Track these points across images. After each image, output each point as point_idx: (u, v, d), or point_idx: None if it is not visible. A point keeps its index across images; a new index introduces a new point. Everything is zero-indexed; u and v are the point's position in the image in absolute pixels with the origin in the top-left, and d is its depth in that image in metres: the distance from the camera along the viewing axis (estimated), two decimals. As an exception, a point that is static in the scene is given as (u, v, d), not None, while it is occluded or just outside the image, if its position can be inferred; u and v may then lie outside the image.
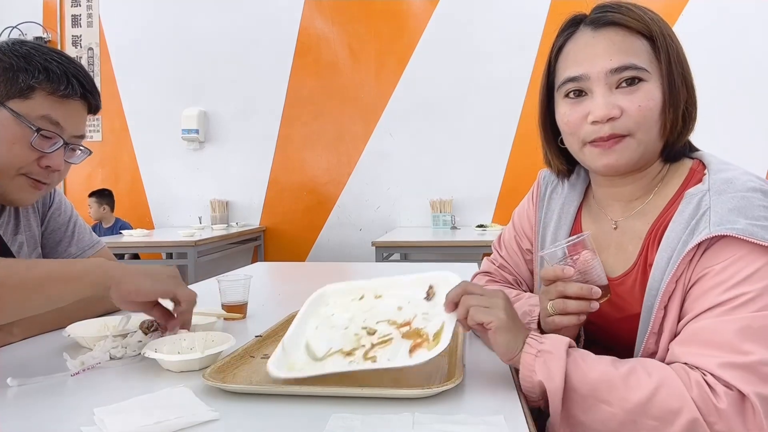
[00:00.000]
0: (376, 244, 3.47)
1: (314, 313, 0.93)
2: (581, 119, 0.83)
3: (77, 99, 1.08)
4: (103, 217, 4.48)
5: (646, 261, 0.84)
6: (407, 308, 0.88)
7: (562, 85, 0.86)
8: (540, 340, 0.73)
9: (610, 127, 0.81)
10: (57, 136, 1.05)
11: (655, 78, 0.81)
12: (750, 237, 0.70)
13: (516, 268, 1.11)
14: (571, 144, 0.89)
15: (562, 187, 1.03)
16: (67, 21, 5.02)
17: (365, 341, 0.84)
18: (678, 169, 0.88)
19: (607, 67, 0.81)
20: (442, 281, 0.89)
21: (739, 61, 4.11)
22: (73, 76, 1.06)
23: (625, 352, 0.85)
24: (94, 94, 1.12)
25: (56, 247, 1.29)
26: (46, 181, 1.08)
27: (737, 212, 0.73)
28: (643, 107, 0.80)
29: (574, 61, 0.85)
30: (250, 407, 0.72)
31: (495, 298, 0.76)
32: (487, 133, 4.42)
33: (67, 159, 1.10)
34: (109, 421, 0.66)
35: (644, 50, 0.82)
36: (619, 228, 0.91)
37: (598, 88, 0.81)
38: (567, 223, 0.98)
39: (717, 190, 0.77)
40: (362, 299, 0.94)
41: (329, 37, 4.69)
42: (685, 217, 0.78)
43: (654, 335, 0.78)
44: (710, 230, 0.72)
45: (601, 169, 0.85)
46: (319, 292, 0.97)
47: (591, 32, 0.84)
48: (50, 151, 1.04)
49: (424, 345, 0.78)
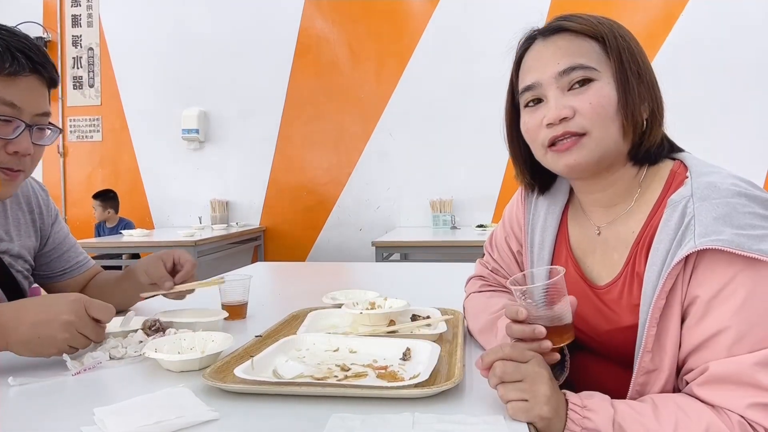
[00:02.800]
0: (376, 244, 3.47)
1: (284, 352, 0.90)
2: (538, 125, 0.85)
3: (28, 74, 0.99)
4: (107, 218, 4.48)
5: (633, 270, 0.83)
6: (382, 363, 0.86)
7: (521, 96, 0.89)
8: (582, 414, 0.70)
9: (564, 126, 0.82)
10: (16, 119, 0.98)
11: (606, 76, 0.82)
12: (737, 249, 0.68)
13: (509, 270, 1.09)
14: (536, 152, 0.90)
15: (547, 190, 1.02)
16: (67, 21, 5.02)
17: (338, 374, 0.81)
18: (657, 172, 0.86)
19: (555, 71, 0.83)
20: (420, 345, 0.89)
21: (739, 60, 4.10)
22: (18, 51, 0.97)
23: (621, 363, 0.85)
24: (46, 66, 1.02)
25: (50, 263, 1.29)
26: (18, 167, 1.02)
27: (722, 221, 0.71)
28: (594, 104, 0.80)
29: (527, 70, 0.88)
30: (250, 407, 0.72)
31: (537, 385, 0.69)
32: (487, 133, 4.40)
33: (36, 141, 1.03)
34: (109, 421, 0.66)
35: (593, 51, 0.83)
36: (603, 234, 0.90)
37: (551, 92, 0.83)
38: (552, 225, 0.97)
39: (700, 195, 0.75)
40: (336, 351, 0.92)
41: (329, 37, 4.69)
42: (671, 226, 0.76)
43: (648, 353, 0.76)
44: (695, 243, 0.71)
45: (564, 170, 0.86)
46: (290, 338, 0.94)
47: (542, 41, 0.87)
48: (13, 136, 0.98)
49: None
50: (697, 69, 4.10)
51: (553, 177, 0.99)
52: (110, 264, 4.00)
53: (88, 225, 4.68)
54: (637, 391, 0.77)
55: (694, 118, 3.95)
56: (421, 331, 1.01)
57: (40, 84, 1.02)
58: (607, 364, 0.89)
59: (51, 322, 0.86)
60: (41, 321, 0.86)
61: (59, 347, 0.87)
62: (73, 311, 0.87)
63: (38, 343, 0.86)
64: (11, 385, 0.81)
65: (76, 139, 5.05)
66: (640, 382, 0.77)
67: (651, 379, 0.77)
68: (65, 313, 0.87)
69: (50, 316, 0.86)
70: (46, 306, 0.88)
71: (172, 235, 4.02)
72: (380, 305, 1.11)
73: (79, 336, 0.88)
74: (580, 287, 0.90)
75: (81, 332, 0.88)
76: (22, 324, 0.86)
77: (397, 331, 1.01)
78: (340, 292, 1.35)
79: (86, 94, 5.04)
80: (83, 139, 5.05)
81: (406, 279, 1.90)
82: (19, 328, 0.86)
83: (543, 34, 0.87)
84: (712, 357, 0.71)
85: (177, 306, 1.22)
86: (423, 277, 1.91)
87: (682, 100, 3.34)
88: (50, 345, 0.86)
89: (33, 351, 0.87)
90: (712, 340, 0.71)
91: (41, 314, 0.87)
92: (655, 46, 4.10)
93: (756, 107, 4.11)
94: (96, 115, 5.04)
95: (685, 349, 0.74)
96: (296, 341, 0.94)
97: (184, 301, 1.24)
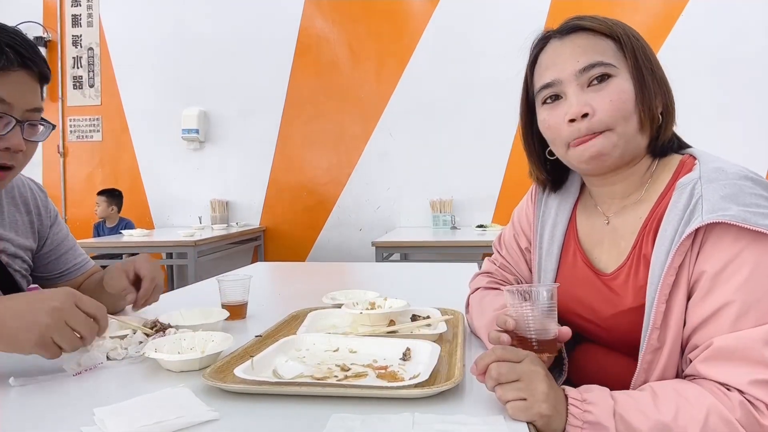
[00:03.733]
0: (376, 244, 3.47)
1: (284, 352, 0.90)
2: (560, 121, 0.87)
3: (17, 69, 0.96)
4: (109, 216, 4.48)
5: (640, 253, 0.84)
6: (382, 363, 0.86)
7: (539, 93, 0.91)
8: (583, 408, 0.70)
9: (587, 125, 0.84)
10: (6, 116, 0.96)
11: (623, 72, 0.85)
12: (743, 223, 0.70)
13: (516, 267, 1.11)
14: (557, 150, 0.92)
15: (559, 189, 1.04)
16: (67, 21, 5.02)
17: (338, 374, 0.81)
18: (667, 164, 0.89)
19: (575, 68, 0.85)
20: (420, 345, 0.89)
21: (739, 60, 4.10)
22: (6, 45, 0.95)
23: (624, 348, 0.86)
24: (36, 61, 0.99)
25: (48, 265, 1.29)
26: (10, 163, 1.01)
27: (729, 199, 0.73)
28: (614, 101, 0.83)
29: (545, 68, 0.90)
30: (250, 407, 0.72)
31: (534, 383, 0.69)
32: (487, 133, 4.42)
33: (28, 137, 1.02)
34: (109, 421, 0.66)
35: (610, 48, 0.86)
36: (611, 223, 0.92)
37: (571, 89, 0.86)
38: (563, 221, 1.00)
39: (708, 178, 0.78)
40: (336, 351, 0.92)
41: (329, 37, 4.69)
42: (680, 207, 0.78)
43: (657, 330, 0.77)
44: (703, 218, 0.73)
45: (589, 163, 0.87)
46: (290, 338, 0.94)
47: (558, 41, 0.90)
48: (4, 132, 0.96)
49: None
50: (697, 69, 4.10)
51: (565, 174, 1.02)
52: (111, 264, 3.99)
53: (88, 225, 4.68)
54: (644, 369, 0.78)
55: (693, 118, 3.95)
56: (421, 331, 1.01)
57: (30, 79, 1.00)
58: (611, 352, 0.90)
59: (37, 309, 0.80)
60: (26, 310, 0.80)
61: (41, 333, 0.79)
62: (60, 300, 0.82)
63: (18, 328, 0.78)
64: (12, 385, 0.81)
65: (76, 139, 5.05)
66: (648, 360, 0.78)
67: (656, 357, 0.77)
68: (53, 300, 0.82)
69: (36, 304, 0.81)
70: (33, 296, 0.84)
71: (172, 235, 4.02)
72: (380, 305, 1.11)
73: (65, 327, 0.81)
74: (587, 276, 0.92)
75: (69, 323, 0.81)
76: (1, 314, 0.80)
77: (397, 331, 1.01)
78: (340, 292, 1.35)
79: (86, 94, 5.04)
80: (83, 139, 5.05)
81: (406, 279, 1.90)
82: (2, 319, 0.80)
83: (559, 33, 0.90)
84: (717, 332, 0.72)
85: (177, 306, 1.21)
86: (423, 277, 1.91)
87: (681, 100, 3.34)
88: (30, 330, 0.78)
89: (10, 340, 0.79)
90: (717, 315, 0.72)
91: (28, 303, 0.82)
92: (655, 47, 4.09)
93: (756, 108, 4.11)
94: (96, 115, 5.04)
95: (690, 326, 0.75)
96: (296, 341, 0.94)
97: (183, 302, 1.24)
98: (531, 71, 0.94)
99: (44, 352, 0.81)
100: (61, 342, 0.81)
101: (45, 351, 0.81)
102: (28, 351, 0.81)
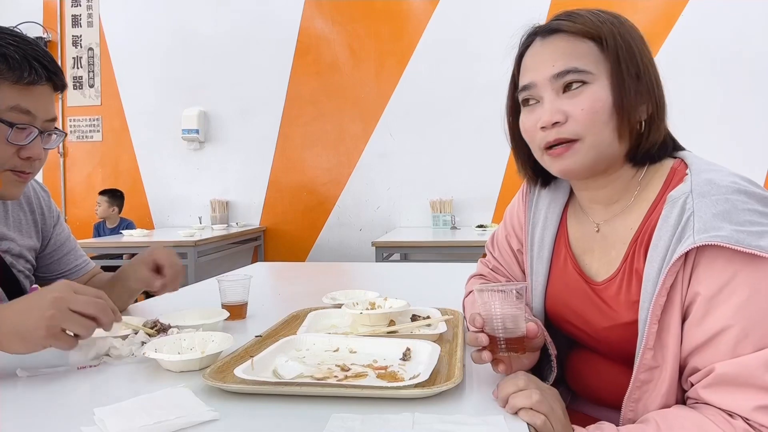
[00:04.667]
0: (376, 244, 3.47)
1: (284, 352, 0.90)
2: (534, 126, 0.85)
3: (44, 84, 1.02)
4: (110, 216, 4.48)
5: (632, 267, 0.82)
6: (382, 363, 0.86)
7: (520, 93, 0.89)
8: None
9: (557, 132, 0.82)
10: (30, 126, 1.02)
11: (602, 79, 0.81)
12: (737, 245, 0.68)
13: (509, 268, 1.09)
14: (534, 152, 0.90)
15: (548, 186, 1.02)
16: (67, 21, 5.02)
17: (338, 374, 0.81)
18: (658, 170, 0.86)
19: (550, 73, 0.82)
20: (420, 345, 0.89)
21: (739, 60, 4.10)
22: (34, 60, 1.00)
23: (619, 358, 0.85)
24: (59, 74, 1.05)
25: (49, 266, 1.30)
26: (29, 170, 1.06)
27: (721, 217, 0.71)
28: (586, 110, 0.80)
29: (525, 69, 0.88)
30: (250, 407, 0.72)
31: (551, 420, 0.70)
32: (487, 133, 4.41)
33: (45, 145, 1.07)
34: (109, 421, 0.66)
35: (590, 53, 0.82)
36: (601, 231, 0.90)
37: (546, 94, 0.83)
38: (553, 224, 0.98)
39: (699, 192, 0.75)
40: (336, 351, 0.92)
41: (329, 37, 4.69)
42: (671, 223, 0.76)
43: (650, 350, 0.75)
44: (695, 239, 0.71)
45: (558, 174, 0.86)
46: (290, 338, 0.95)
47: (540, 41, 0.87)
48: (27, 142, 1.02)
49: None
50: (697, 69, 4.10)
51: (540, 173, 0.99)
52: (111, 264, 4.00)
53: (88, 225, 4.68)
54: (638, 387, 0.77)
55: (693, 118, 3.95)
56: (421, 331, 1.01)
57: (51, 91, 1.05)
58: (606, 361, 0.89)
59: (38, 304, 0.81)
60: (29, 307, 0.82)
61: (47, 324, 0.80)
62: (58, 290, 0.84)
63: (27, 326, 0.80)
64: (19, 375, 0.84)
65: (76, 139, 5.05)
66: (642, 379, 0.77)
67: (654, 376, 0.76)
68: (52, 291, 0.83)
69: (37, 300, 0.82)
70: (33, 295, 0.85)
71: (172, 235, 4.02)
72: (380, 305, 1.11)
73: (70, 314, 0.81)
74: (578, 284, 0.90)
75: (72, 308, 0.82)
76: (7, 317, 0.81)
77: (397, 332, 1.01)
78: (340, 293, 1.35)
79: (86, 94, 5.04)
80: (83, 139, 5.05)
81: (406, 279, 1.90)
82: (4, 321, 0.81)
83: (542, 33, 0.87)
84: (717, 357, 0.70)
85: (177, 306, 1.22)
86: (423, 277, 1.91)
87: (681, 100, 3.34)
88: (37, 325, 0.80)
89: (21, 338, 0.80)
90: (716, 339, 0.70)
91: (29, 302, 0.83)
92: (655, 47, 4.10)
93: (756, 108, 4.11)
94: (96, 115, 5.04)
95: (687, 348, 0.74)
96: (296, 341, 0.94)
97: (184, 302, 1.24)
98: (518, 67, 0.91)
99: (57, 342, 0.82)
100: (71, 328, 0.82)
101: (57, 341, 0.82)
102: (42, 345, 0.82)
